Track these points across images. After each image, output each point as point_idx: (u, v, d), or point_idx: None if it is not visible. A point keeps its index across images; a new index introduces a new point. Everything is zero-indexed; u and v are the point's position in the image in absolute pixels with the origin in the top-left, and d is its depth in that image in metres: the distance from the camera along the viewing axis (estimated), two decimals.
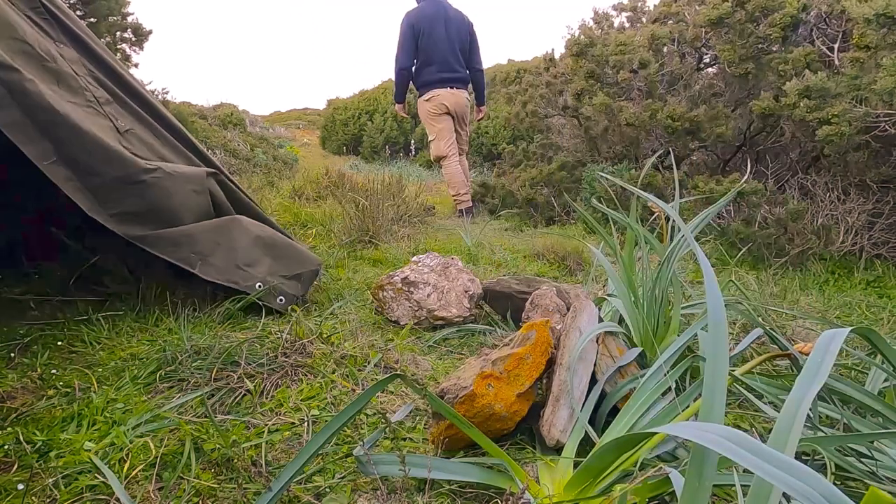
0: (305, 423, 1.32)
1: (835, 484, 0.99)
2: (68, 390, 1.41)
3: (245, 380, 1.47)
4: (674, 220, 1.48)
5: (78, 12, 7.20)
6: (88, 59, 2.00)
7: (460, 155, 4.10)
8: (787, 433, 0.66)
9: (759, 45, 4.40)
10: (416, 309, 2.14)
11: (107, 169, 1.77)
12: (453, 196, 4.10)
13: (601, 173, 2.01)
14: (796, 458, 0.62)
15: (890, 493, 0.74)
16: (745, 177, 2.03)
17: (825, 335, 0.80)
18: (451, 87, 3.88)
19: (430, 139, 4.15)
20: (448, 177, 4.11)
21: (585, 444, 1.17)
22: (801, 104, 3.61)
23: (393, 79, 3.96)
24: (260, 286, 2.02)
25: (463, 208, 4.06)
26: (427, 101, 3.91)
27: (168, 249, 1.91)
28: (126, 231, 1.82)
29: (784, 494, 0.73)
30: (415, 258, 2.38)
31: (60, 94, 1.75)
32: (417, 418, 1.41)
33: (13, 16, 1.68)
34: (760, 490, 0.65)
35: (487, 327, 2.12)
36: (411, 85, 4.01)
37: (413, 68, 3.81)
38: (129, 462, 1.13)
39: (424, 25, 3.65)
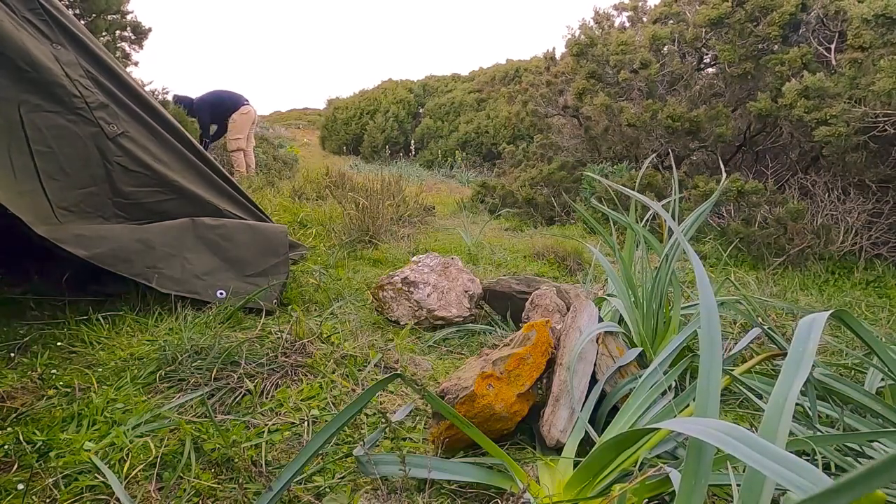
0: (305, 423, 1.32)
1: None
2: (68, 390, 1.42)
3: (245, 380, 1.47)
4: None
5: (76, 10, 7.20)
6: (87, 59, 1.99)
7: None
8: (776, 424, 0.65)
9: (760, 45, 4.40)
10: (417, 309, 2.14)
11: None
12: (241, 171, 6.37)
13: (594, 175, 2.01)
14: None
15: (886, 492, 0.74)
16: (726, 177, 2.01)
17: (804, 322, 0.78)
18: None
19: (234, 138, 6.39)
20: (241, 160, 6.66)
21: (586, 444, 1.17)
22: (799, 104, 3.61)
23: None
24: (221, 294, 2.00)
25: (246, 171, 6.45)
26: (244, 115, 6.34)
27: (121, 266, 1.88)
28: (77, 250, 1.78)
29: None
30: (415, 258, 2.38)
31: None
32: (417, 418, 1.42)
33: None
34: (753, 482, 0.65)
35: (487, 327, 2.12)
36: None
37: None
38: (129, 462, 1.13)
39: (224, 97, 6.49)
